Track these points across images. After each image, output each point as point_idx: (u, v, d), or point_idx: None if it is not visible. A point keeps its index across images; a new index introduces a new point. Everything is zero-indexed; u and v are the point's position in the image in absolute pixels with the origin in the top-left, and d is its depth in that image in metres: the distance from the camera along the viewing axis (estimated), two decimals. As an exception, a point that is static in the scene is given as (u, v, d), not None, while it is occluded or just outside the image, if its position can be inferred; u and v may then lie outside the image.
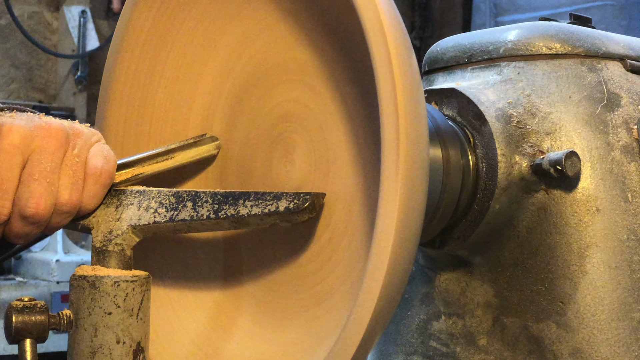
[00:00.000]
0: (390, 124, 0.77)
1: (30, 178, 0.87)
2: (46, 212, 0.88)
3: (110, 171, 0.92)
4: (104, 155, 0.92)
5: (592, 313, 1.02)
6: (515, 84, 1.08)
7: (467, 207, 1.06)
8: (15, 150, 0.87)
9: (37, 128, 0.88)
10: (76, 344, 0.89)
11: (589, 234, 1.03)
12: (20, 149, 0.87)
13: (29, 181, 0.87)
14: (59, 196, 0.89)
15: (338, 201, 0.94)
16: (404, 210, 0.76)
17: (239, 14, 1.03)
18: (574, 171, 1.01)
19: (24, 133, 0.87)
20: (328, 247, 0.95)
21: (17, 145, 0.87)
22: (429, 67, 1.20)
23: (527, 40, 1.10)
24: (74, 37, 5.93)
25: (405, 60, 0.78)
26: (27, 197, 0.87)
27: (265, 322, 1.00)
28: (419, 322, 1.16)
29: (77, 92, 5.91)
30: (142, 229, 0.93)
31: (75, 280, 0.90)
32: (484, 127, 1.06)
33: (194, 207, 0.93)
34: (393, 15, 0.80)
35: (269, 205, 0.90)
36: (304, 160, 0.98)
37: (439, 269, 1.13)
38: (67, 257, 4.77)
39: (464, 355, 1.10)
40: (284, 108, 1.01)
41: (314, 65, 0.97)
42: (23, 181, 0.87)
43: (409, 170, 0.76)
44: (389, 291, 0.77)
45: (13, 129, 0.87)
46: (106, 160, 0.92)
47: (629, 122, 1.07)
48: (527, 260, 1.05)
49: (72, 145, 0.90)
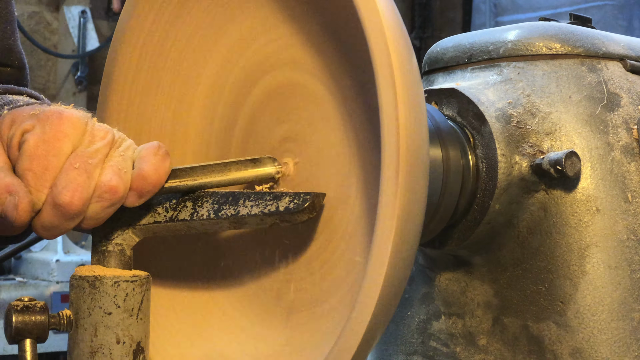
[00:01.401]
0: (390, 124, 0.77)
1: (71, 166, 0.85)
2: (80, 203, 0.85)
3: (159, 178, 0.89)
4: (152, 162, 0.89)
5: (592, 313, 1.02)
6: (515, 84, 1.08)
7: (467, 207, 1.06)
8: (67, 138, 0.86)
9: (92, 123, 0.88)
10: (76, 344, 0.89)
11: (589, 234, 1.03)
12: (71, 139, 0.86)
13: (69, 169, 0.85)
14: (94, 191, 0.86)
15: (338, 201, 0.94)
16: (404, 211, 0.76)
17: (240, 14, 1.03)
18: (574, 171, 1.01)
19: (80, 124, 0.87)
20: (328, 247, 0.95)
21: (69, 134, 0.86)
22: (429, 67, 1.20)
23: (527, 40, 1.10)
24: (74, 37, 5.93)
25: (405, 60, 0.78)
26: (64, 184, 0.85)
27: (264, 323, 1.00)
28: (419, 322, 1.16)
29: (77, 92, 5.91)
30: (142, 229, 0.93)
31: (75, 280, 0.90)
32: (484, 127, 1.06)
33: (194, 207, 0.93)
34: (393, 16, 0.80)
35: (269, 205, 0.90)
36: (304, 160, 0.98)
37: (439, 269, 1.13)
38: (67, 257, 4.77)
39: (464, 355, 1.10)
40: (283, 102, 1.01)
41: (314, 65, 0.97)
42: (64, 169, 0.86)
43: (409, 170, 0.76)
44: (389, 291, 0.77)
45: (71, 117, 0.87)
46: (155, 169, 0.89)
47: (629, 122, 1.07)
48: (527, 260, 1.05)
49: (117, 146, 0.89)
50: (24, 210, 0.84)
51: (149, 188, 0.89)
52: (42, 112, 0.88)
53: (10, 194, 0.84)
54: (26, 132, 0.87)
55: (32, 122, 0.87)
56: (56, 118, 0.87)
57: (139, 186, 0.88)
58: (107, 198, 0.87)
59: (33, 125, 0.87)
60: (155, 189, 0.90)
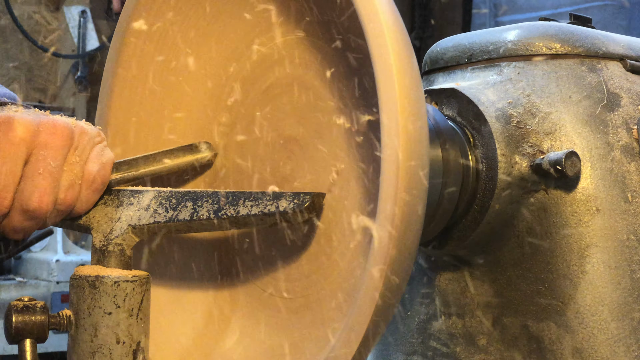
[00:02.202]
0: (390, 125, 0.77)
1: (34, 172, 0.87)
2: (48, 207, 0.88)
3: (104, 177, 0.92)
4: (101, 161, 0.91)
5: (592, 313, 1.02)
6: (515, 84, 1.08)
7: (467, 207, 1.06)
8: (21, 142, 0.86)
9: (44, 123, 0.88)
10: (76, 344, 0.89)
11: (589, 234, 1.03)
12: (25, 143, 0.86)
13: (34, 175, 0.87)
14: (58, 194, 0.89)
15: (338, 202, 0.94)
16: (404, 211, 0.76)
17: (241, 14, 1.03)
18: (574, 171, 1.01)
19: (30, 127, 0.87)
20: (327, 247, 0.95)
21: (22, 138, 0.86)
22: (429, 67, 1.20)
23: (527, 40, 1.10)
24: (74, 37, 5.92)
25: (405, 60, 0.78)
26: (31, 191, 0.87)
27: (263, 322, 1.00)
28: (419, 322, 1.16)
29: (77, 92, 5.90)
30: (142, 229, 0.93)
31: (75, 280, 0.90)
32: (484, 127, 1.06)
33: (194, 207, 0.93)
34: (393, 16, 0.80)
35: (269, 205, 0.90)
36: (305, 160, 0.98)
37: (439, 269, 1.13)
38: (67, 257, 4.77)
39: (464, 355, 1.10)
40: (283, 103, 1.01)
41: (314, 65, 0.97)
42: (27, 175, 0.87)
43: (409, 171, 0.76)
44: (389, 292, 0.77)
45: (20, 122, 0.87)
46: (102, 166, 0.91)
47: (629, 122, 1.07)
48: (527, 260, 1.05)
49: (75, 145, 0.90)
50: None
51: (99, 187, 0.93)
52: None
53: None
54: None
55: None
56: (6, 124, 0.87)
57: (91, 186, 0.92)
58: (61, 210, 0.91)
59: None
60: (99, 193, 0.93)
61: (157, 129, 1.09)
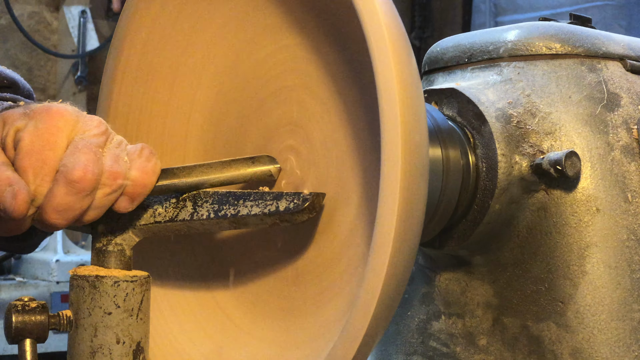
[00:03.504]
0: (390, 125, 0.77)
1: (75, 149, 0.86)
2: (94, 178, 0.85)
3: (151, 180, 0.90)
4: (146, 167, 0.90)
5: (592, 313, 1.02)
6: (515, 84, 1.08)
7: (467, 207, 1.06)
8: (61, 131, 0.86)
9: (82, 116, 0.89)
10: (76, 344, 0.89)
11: (588, 234, 1.03)
12: (65, 132, 0.87)
13: (74, 151, 0.86)
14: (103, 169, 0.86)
15: (338, 202, 0.94)
16: (404, 211, 0.76)
17: (241, 15, 1.03)
18: (574, 171, 1.01)
19: (71, 117, 0.88)
20: (327, 248, 0.95)
21: (62, 127, 0.87)
22: (428, 67, 1.20)
23: (527, 40, 1.10)
24: (74, 37, 5.92)
25: (405, 60, 0.78)
26: (73, 162, 0.85)
27: (264, 323, 1.00)
28: (419, 322, 1.16)
29: (77, 92, 5.90)
30: (142, 229, 0.93)
31: (75, 280, 0.90)
32: (484, 127, 1.06)
33: (194, 207, 0.93)
34: (393, 16, 0.80)
35: (269, 205, 0.90)
36: (305, 160, 0.98)
37: (439, 269, 1.13)
38: (67, 257, 4.77)
39: (464, 355, 1.10)
40: (285, 105, 1.01)
41: (315, 66, 0.97)
42: (68, 152, 0.86)
43: (409, 171, 0.76)
44: (389, 292, 0.77)
45: (61, 111, 0.87)
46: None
47: (629, 122, 1.07)
48: (527, 260, 1.05)
49: (111, 138, 0.90)
50: (23, 200, 0.84)
51: (140, 190, 0.89)
52: (31, 109, 0.88)
53: (10, 185, 0.85)
54: (19, 131, 0.87)
55: (23, 120, 0.87)
56: (46, 113, 0.87)
57: (129, 189, 0.89)
58: (109, 184, 0.87)
59: (25, 123, 0.87)
60: (145, 190, 0.89)
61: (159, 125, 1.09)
